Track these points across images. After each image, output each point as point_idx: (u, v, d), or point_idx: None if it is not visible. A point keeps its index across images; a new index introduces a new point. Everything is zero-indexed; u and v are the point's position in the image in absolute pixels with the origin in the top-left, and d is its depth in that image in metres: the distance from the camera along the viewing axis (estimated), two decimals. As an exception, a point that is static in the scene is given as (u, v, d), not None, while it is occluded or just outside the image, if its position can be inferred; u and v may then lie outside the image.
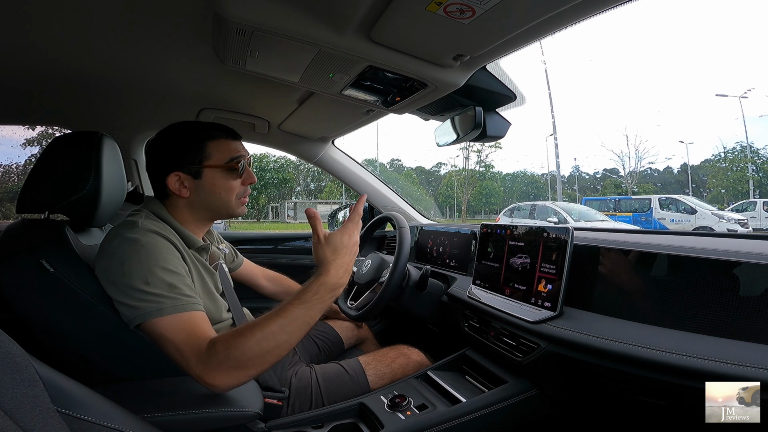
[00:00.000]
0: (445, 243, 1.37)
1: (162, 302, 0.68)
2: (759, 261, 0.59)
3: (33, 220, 0.80)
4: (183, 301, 0.70)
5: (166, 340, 0.67)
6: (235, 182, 0.84)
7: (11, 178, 15.52)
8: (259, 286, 1.22)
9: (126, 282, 0.69)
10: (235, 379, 0.66)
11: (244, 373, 0.66)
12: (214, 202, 0.84)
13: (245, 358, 0.65)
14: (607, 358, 0.66)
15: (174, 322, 0.68)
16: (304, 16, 0.72)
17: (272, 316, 0.68)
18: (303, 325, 0.69)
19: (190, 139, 0.83)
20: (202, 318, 0.71)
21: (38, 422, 0.34)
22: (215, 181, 0.82)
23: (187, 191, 0.82)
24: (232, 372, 0.65)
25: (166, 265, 0.71)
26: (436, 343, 1.26)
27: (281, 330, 0.66)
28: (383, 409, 0.85)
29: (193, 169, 0.81)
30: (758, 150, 18.05)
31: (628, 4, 0.62)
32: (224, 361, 0.64)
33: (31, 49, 0.91)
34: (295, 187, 22.43)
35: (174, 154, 0.81)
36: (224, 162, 0.83)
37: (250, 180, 0.87)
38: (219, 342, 0.66)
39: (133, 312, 0.68)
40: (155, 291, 0.68)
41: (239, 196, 0.86)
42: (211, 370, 0.64)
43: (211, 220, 0.89)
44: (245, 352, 0.64)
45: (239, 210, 0.87)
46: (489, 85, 0.98)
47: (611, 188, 23.13)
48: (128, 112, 1.37)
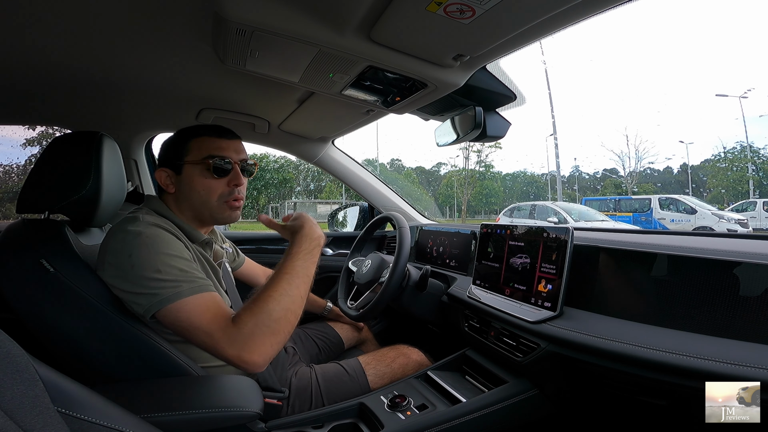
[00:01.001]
0: (445, 243, 1.37)
1: (179, 285, 0.68)
2: (759, 261, 0.59)
3: (33, 220, 0.80)
4: (198, 283, 0.70)
5: (191, 325, 0.67)
6: (215, 182, 0.81)
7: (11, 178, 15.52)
8: (260, 285, 1.22)
9: (137, 273, 0.68)
10: (269, 347, 0.67)
11: (275, 338, 0.68)
12: (194, 201, 0.82)
13: (272, 319, 0.68)
14: (607, 358, 0.66)
15: (196, 304, 0.68)
16: (304, 16, 0.72)
17: (274, 277, 0.73)
18: (304, 277, 0.75)
19: (179, 135, 0.84)
20: (220, 299, 0.72)
21: (38, 422, 0.34)
22: (193, 178, 0.81)
23: (172, 187, 0.83)
24: (265, 339, 0.66)
25: (173, 252, 0.72)
26: (436, 343, 1.26)
27: (289, 285, 0.72)
28: (383, 409, 0.85)
29: (175, 165, 0.82)
30: (758, 150, 18.07)
31: (628, 4, 0.62)
32: (255, 330, 0.66)
33: (31, 49, 0.91)
34: (295, 187, 22.41)
35: (163, 150, 0.85)
36: (201, 158, 0.81)
37: (236, 181, 0.83)
38: (242, 314, 0.68)
39: (149, 300, 0.68)
40: (168, 278, 0.68)
41: (223, 198, 0.82)
42: (246, 343, 0.65)
43: (200, 221, 0.85)
44: (270, 314, 0.68)
45: (225, 215, 0.83)
46: (489, 85, 0.98)
47: (611, 188, 23.13)
48: (128, 112, 1.37)
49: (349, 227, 1.96)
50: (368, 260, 1.26)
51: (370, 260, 1.25)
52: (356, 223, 1.91)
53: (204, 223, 0.87)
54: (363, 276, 1.23)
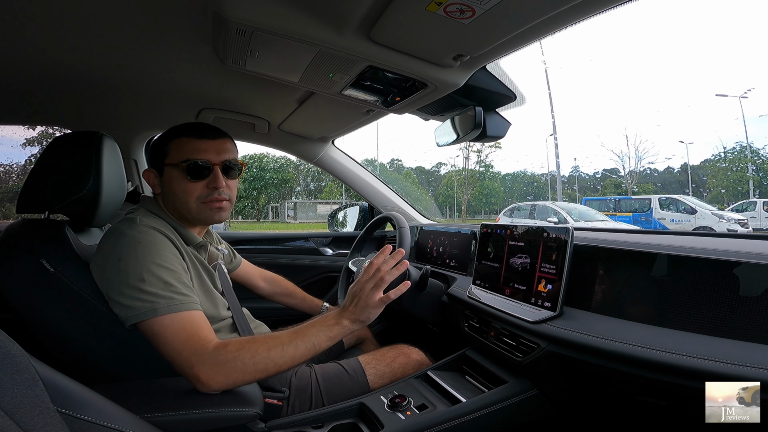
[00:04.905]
0: (445, 243, 1.37)
1: (156, 302, 0.68)
2: (759, 261, 0.59)
3: (33, 220, 0.80)
4: (177, 301, 0.70)
5: (163, 339, 0.67)
6: (192, 184, 0.80)
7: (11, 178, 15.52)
8: (256, 286, 1.23)
9: (122, 279, 0.69)
10: (232, 381, 0.67)
11: (245, 376, 0.68)
12: (175, 203, 0.82)
13: (254, 362, 0.68)
14: (607, 358, 0.66)
15: (173, 322, 0.68)
16: (304, 16, 0.72)
17: (285, 331, 0.74)
18: (310, 345, 0.73)
19: (161, 137, 0.85)
20: (201, 318, 0.71)
21: (38, 422, 0.34)
22: (172, 180, 0.81)
23: (158, 188, 0.84)
24: (233, 373, 0.67)
25: (162, 262, 0.71)
26: (436, 343, 1.25)
27: (291, 343, 0.71)
28: (383, 409, 0.85)
29: (157, 166, 0.83)
30: (758, 150, 18.06)
31: (628, 4, 0.62)
32: (230, 361, 0.66)
33: (31, 49, 0.91)
34: (295, 187, 22.42)
35: (150, 151, 0.86)
36: (179, 161, 0.80)
37: (213, 184, 0.81)
38: (232, 343, 0.69)
39: (127, 312, 0.68)
40: (150, 289, 0.68)
41: (201, 199, 0.81)
42: (212, 368, 0.66)
43: (187, 221, 0.85)
44: (255, 358, 0.68)
45: (205, 215, 0.82)
46: (489, 85, 0.98)
47: (611, 188, 23.13)
48: (128, 112, 1.37)
49: (349, 227, 1.96)
50: (368, 260, 1.26)
51: (370, 260, 1.25)
52: (356, 223, 1.91)
53: (191, 223, 0.86)
54: (363, 276, 1.23)
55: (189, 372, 0.66)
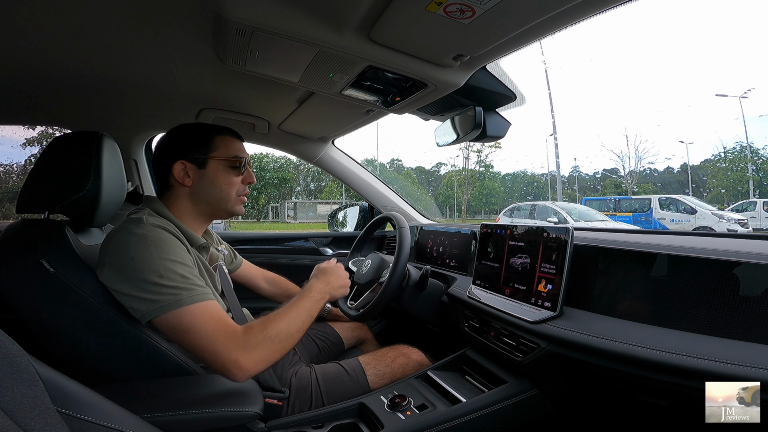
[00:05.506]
0: (445, 243, 1.37)
1: (179, 293, 0.69)
2: (759, 261, 0.59)
3: (33, 220, 0.80)
4: (198, 291, 0.71)
5: (194, 329, 0.68)
6: (237, 178, 0.87)
7: (11, 178, 15.52)
8: (258, 287, 1.23)
9: (139, 276, 0.69)
10: (266, 362, 0.71)
11: (275, 353, 0.72)
12: (214, 195, 0.85)
13: (279, 338, 0.73)
14: (607, 358, 0.66)
15: (202, 311, 0.69)
16: (304, 16, 0.72)
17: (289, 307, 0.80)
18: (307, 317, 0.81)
19: (199, 131, 0.87)
20: (219, 306, 0.74)
21: (38, 422, 0.34)
22: (218, 173, 0.85)
23: (190, 180, 0.84)
24: (267, 351, 0.71)
25: (175, 257, 0.72)
26: (436, 343, 1.26)
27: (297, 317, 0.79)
28: (383, 409, 0.85)
29: (199, 159, 0.84)
30: (758, 150, 18.06)
31: (628, 4, 0.62)
32: (261, 342, 0.71)
33: (31, 49, 0.91)
34: (295, 187, 22.43)
35: (182, 144, 0.85)
36: (229, 156, 0.86)
37: (250, 180, 0.90)
38: (255, 325, 0.73)
39: (149, 306, 0.68)
40: (170, 283, 0.69)
41: (239, 193, 0.88)
42: (249, 351, 0.69)
43: (209, 216, 0.89)
44: (279, 333, 0.73)
45: (238, 207, 0.89)
46: (489, 85, 0.98)
47: (611, 188, 23.14)
48: (128, 112, 1.37)
49: (349, 227, 1.96)
50: (368, 260, 1.26)
51: (370, 260, 1.25)
52: (356, 223, 1.91)
53: (209, 219, 0.90)
54: (363, 276, 1.23)
55: (227, 358, 0.67)
